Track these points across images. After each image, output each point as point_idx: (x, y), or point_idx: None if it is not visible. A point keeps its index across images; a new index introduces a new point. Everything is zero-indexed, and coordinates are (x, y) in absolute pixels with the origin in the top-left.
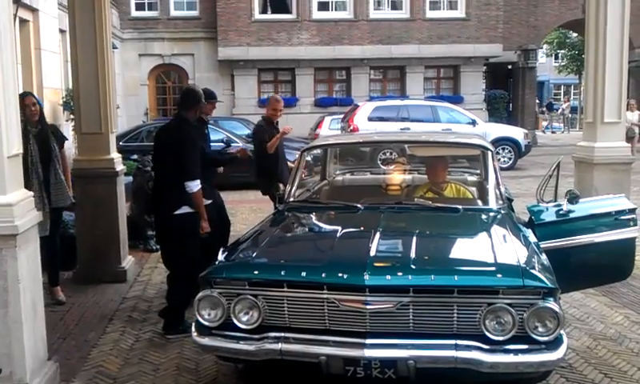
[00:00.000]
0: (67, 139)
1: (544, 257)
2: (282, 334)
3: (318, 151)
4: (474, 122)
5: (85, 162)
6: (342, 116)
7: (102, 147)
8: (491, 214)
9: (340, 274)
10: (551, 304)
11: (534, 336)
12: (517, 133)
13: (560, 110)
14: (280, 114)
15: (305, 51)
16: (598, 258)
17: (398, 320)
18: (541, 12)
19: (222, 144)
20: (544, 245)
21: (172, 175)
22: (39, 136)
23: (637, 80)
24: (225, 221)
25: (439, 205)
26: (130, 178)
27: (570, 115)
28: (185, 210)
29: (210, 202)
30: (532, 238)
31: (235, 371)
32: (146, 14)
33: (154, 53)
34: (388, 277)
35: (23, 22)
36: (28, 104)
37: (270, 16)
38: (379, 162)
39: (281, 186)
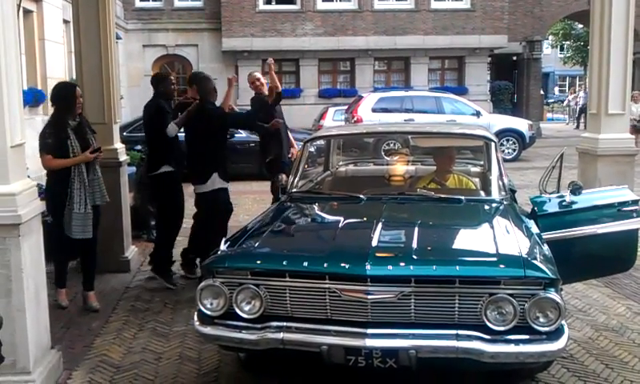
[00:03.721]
0: (96, 133)
1: (546, 247)
2: (284, 324)
3: (321, 142)
4: (478, 114)
5: None
6: (345, 107)
7: (105, 137)
8: (494, 204)
9: (342, 264)
10: (552, 295)
11: (535, 326)
12: (521, 124)
13: (566, 102)
14: (261, 84)
15: (309, 42)
16: (600, 249)
17: (400, 310)
18: (546, 3)
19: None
20: (546, 236)
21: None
22: (78, 130)
23: None
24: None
25: (442, 195)
26: (134, 169)
27: (576, 107)
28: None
29: (227, 185)
30: (534, 229)
31: (237, 360)
32: (150, 4)
33: (158, 43)
34: (390, 267)
35: (27, 12)
36: (77, 96)
37: (274, 7)
38: (383, 153)
39: (283, 176)
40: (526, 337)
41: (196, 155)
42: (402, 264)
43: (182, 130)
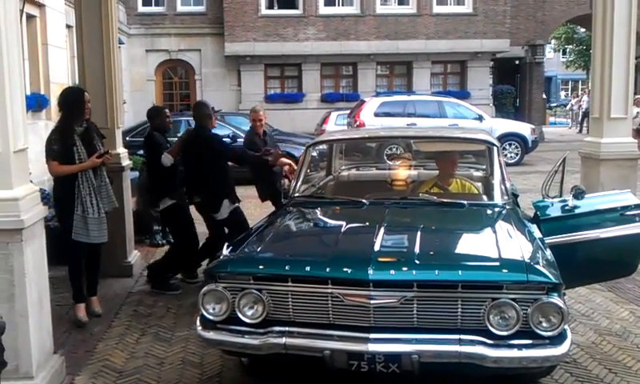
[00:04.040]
0: (105, 137)
1: (548, 252)
2: (287, 329)
3: (323, 146)
4: (480, 118)
5: None
6: (348, 111)
7: (108, 142)
8: (496, 209)
9: (344, 269)
10: (555, 299)
11: (538, 331)
12: (524, 128)
13: (569, 106)
14: (261, 124)
15: (311, 47)
16: (603, 253)
17: (402, 315)
18: (548, 7)
19: (228, 139)
20: (549, 240)
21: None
22: (85, 136)
23: None
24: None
25: (444, 200)
26: (137, 173)
27: (579, 111)
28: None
29: (237, 205)
30: (537, 234)
31: (240, 365)
32: (153, 9)
33: (160, 48)
34: (392, 272)
35: (30, 17)
36: (86, 101)
37: (276, 11)
38: (385, 158)
39: (285, 181)
40: (529, 342)
41: (201, 184)
42: (405, 269)
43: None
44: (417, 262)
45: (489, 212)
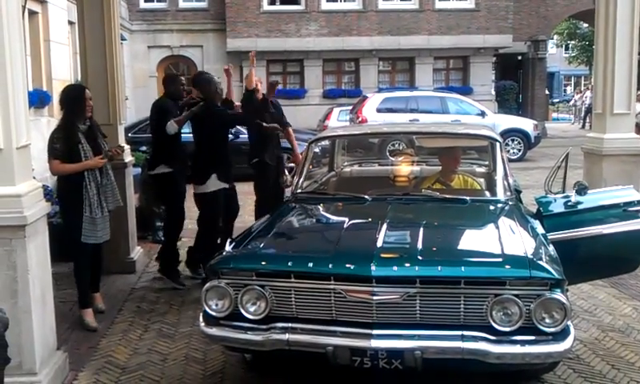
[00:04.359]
0: (107, 136)
1: (551, 248)
2: (289, 325)
3: (326, 143)
4: (483, 114)
5: None
6: (350, 107)
7: (110, 138)
8: (499, 205)
9: (347, 265)
10: (558, 295)
11: (541, 327)
12: (526, 124)
13: (572, 101)
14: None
15: (313, 42)
16: (606, 249)
17: (405, 311)
18: (551, 2)
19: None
20: (552, 236)
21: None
22: (89, 134)
23: None
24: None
25: (447, 196)
26: (139, 170)
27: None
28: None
29: (226, 185)
30: (539, 230)
31: (243, 361)
32: (155, 5)
33: (162, 44)
34: (395, 267)
35: (32, 13)
36: (87, 98)
37: (278, 7)
38: (387, 154)
39: (288, 176)
40: (532, 338)
41: (197, 156)
42: (407, 265)
43: (187, 130)
44: (419, 258)
45: (491, 208)
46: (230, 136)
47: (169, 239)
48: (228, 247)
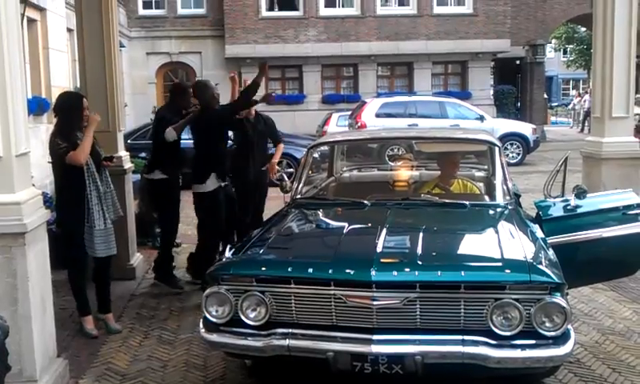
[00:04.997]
0: (101, 147)
1: (551, 252)
2: (290, 330)
3: (325, 148)
4: (481, 118)
5: None
6: (349, 113)
7: (109, 145)
8: (498, 209)
9: (347, 270)
10: (558, 299)
11: (542, 331)
12: (525, 128)
13: (571, 105)
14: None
15: (312, 48)
16: (605, 253)
17: (405, 316)
18: (549, 6)
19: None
20: (551, 240)
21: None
22: None
23: None
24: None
25: (446, 201)
26: (138, 176)
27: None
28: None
29: (223, 183)
30: (539, 234)
31: (243, 367)
32: (154, 12)
33: (161, 51)
34: (395, 273)
35: (31, 21)
36: (85, 108)
37: (276, 13)
38: (387, 159)
39: (287, 181)
40: (532, 342)
41: (196, 157)
42: (407, 270)
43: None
44: (419, 262)
45: (491, 212)
46: (230, 142)
47: (162, 245)
48: (228, 253)
